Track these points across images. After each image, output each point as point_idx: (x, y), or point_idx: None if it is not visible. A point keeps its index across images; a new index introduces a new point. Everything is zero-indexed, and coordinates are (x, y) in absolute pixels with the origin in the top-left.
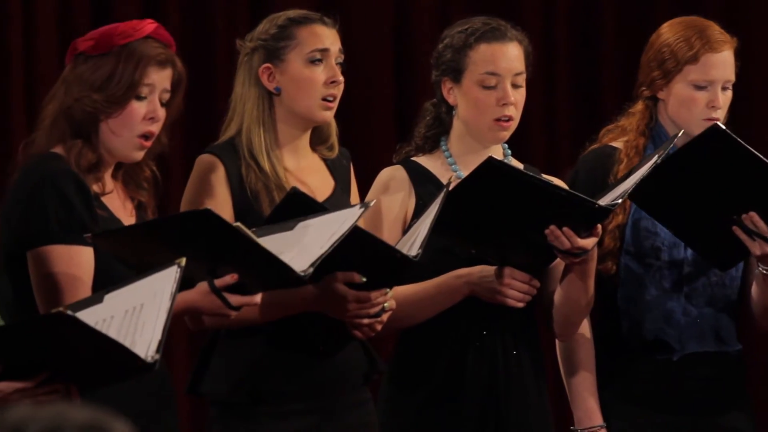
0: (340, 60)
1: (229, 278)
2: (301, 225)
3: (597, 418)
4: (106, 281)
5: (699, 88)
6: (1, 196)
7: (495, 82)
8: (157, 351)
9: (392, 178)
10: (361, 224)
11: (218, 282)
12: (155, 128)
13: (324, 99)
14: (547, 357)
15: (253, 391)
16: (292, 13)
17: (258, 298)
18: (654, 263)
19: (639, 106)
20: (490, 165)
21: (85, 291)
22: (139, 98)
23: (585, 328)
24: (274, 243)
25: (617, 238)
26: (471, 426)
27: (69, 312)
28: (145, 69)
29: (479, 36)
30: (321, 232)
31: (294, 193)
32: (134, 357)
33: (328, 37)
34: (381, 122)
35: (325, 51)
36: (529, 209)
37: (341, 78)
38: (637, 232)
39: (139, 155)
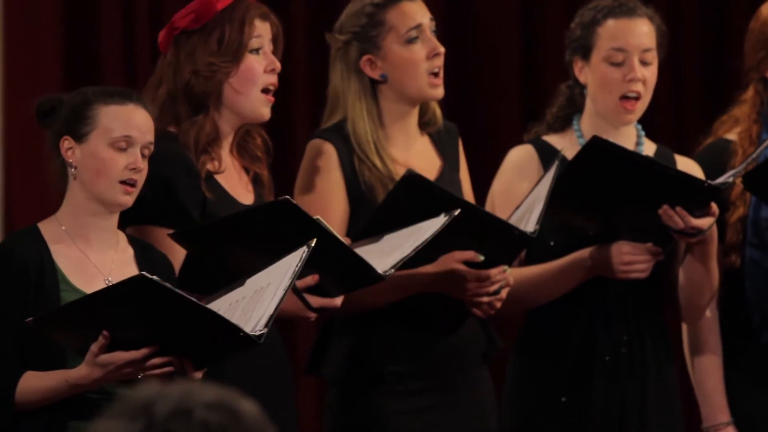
0: (434, 28)
1: (310, 279)
2: (387, 237)
3: (724, 415)
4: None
5: None
6: None
7: (622, 58)
8: (266, 326)
9: (522, 157)
10: (489, 207)
11: (299, 283)
12: (276, 80)
13: (432, 74)
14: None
15: (371, 372)
16: None
17: (338, 301)
18: None
19: (750, 92)
20: (596, 144)
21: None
22: (253, 52)
23: (712, 318)
24: (358, 250)
25: (740, 231)
26: (597, 409)
27: (154, 278)
28: (251, 22)
29: (607, 12)
30: (406, 238)
31: (409, 176)
32: (235, 329)
33: (417, 12)
34: (508, 104)
35: (418, 27)
36: (641, 188)
37: (442, 49)
38: (758, 223)
39: (268, 112)
